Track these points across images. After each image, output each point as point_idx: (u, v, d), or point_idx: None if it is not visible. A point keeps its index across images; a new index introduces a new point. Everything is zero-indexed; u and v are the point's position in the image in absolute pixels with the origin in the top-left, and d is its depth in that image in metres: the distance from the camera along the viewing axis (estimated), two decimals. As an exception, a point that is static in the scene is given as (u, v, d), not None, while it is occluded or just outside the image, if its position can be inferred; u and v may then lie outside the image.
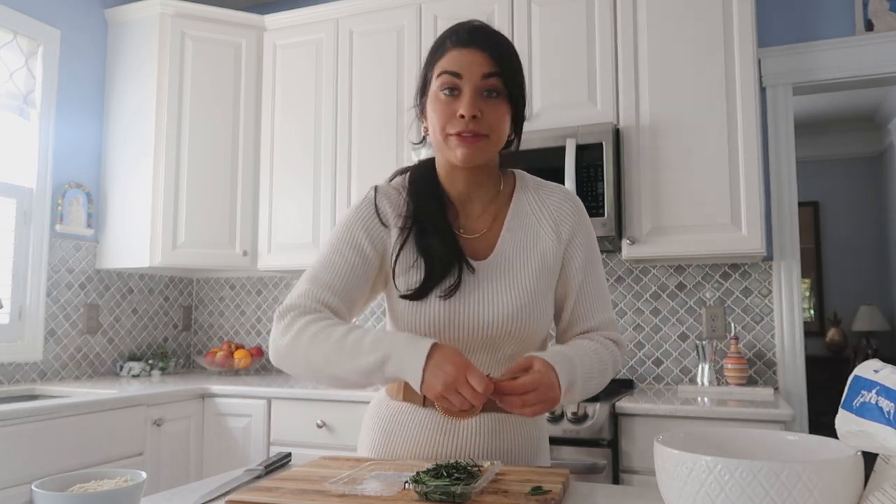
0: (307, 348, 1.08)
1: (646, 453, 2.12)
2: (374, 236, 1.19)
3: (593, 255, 1.25)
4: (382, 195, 1.23)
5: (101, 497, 0.83)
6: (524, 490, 0.95)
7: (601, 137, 2.44)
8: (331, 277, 1.15)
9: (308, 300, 1.13)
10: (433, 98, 1.15)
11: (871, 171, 5.97)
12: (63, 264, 2.96)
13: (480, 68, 1.11)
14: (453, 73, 1.12)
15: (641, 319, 2.79)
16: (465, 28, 1.15)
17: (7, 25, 2.77)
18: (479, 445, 1.17)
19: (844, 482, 0.72)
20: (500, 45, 1.14)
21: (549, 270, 1.20)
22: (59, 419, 2.16)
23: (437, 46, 1.17)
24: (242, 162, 3.13)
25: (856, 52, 2.63)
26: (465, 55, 1.12)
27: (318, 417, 2.54)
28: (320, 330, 1.08)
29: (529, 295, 1.17)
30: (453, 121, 1.12)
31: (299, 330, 1.09)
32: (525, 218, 1.23)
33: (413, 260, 1.18)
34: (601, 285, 1.25)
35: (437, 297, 1.14)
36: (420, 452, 1.19)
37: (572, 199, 1.26)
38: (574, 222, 1.23)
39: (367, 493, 0.94)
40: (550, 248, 1.21)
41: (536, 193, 1.25)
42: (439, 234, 1.17)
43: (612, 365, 1.20)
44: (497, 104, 1.13)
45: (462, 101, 1.11)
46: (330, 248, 1.19)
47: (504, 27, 2.71)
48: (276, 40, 3.17)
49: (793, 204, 2.67)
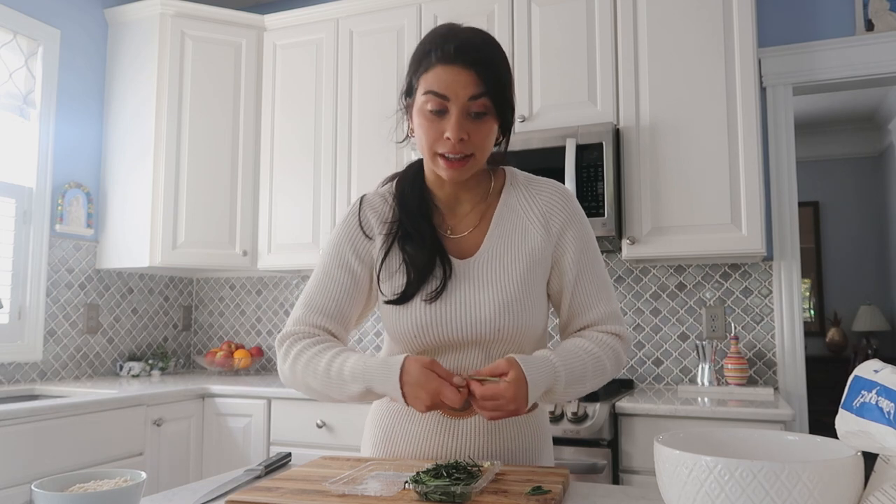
0: (303, 375, 1.15)
1: (646, 453, 2.12)
2: (360, 251, 1.23)
3: (588, 246, 1.22)
4: (367, 206, 1.25)
5: (101, 497, 0.83)
6: (524, 490, 0.95)
7: (601, 137, 2.44)
8: (323, 300, 1.20)
9: (302, 326, 1.19)
10: (420, 112, 1.13)
11: (871, 171, 5.97)
12: (63, 264, 2.96)
13: (467, 90, 1.09)
14: (440, 94, 1.10)
15: (641, 319, 2.79)
16: (452, 44, 1.10)
17: (7, 25, 2.77)
18: (479, 445, 1.17)
19: (844, 482, 0.72)
20: (486, 61, 1.10)
21: (539, 267, 1.19)
22: (59, 419, 2.16)
23: (423, 56, 1.14)
24: (242, 162, 3.13)
25: (856, 52, 2.63)
26: (452, 74, 1.09)
27: (318, 417, 2.54)
28: (310, 359, 1.14)
29: (516, 292, 1.16)
30: (440, 141, 1.12)
31: (294, 358, 1.16)
32: (513, 215, 1.22)
33: (397, 266, 1.19)
34: (600, 277, 1.22)
35: (422, 300, 1.16)
36: (420, 452, 1.19)
37: (562, 192, 1.24)
38: (565, 216, 1.21)
39: (368, 494, 0.94)
40: (539, 243, 1.20)
41: (526, 189, 1.24)
42: (423, 239, 1.18)
43: (611, 362, 1.17)
44: (483, 123, 1.12)
45: (449, 124, 1.10)
46: (321, 270, 1.24)
47: (504, 27, 2.71)
48: (276, 40, 3.17)
49: (793, 204, 2.67)
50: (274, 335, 3.43)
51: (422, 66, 1.13)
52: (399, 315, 1.17)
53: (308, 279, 3.38)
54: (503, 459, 1.18)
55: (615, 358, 1.18)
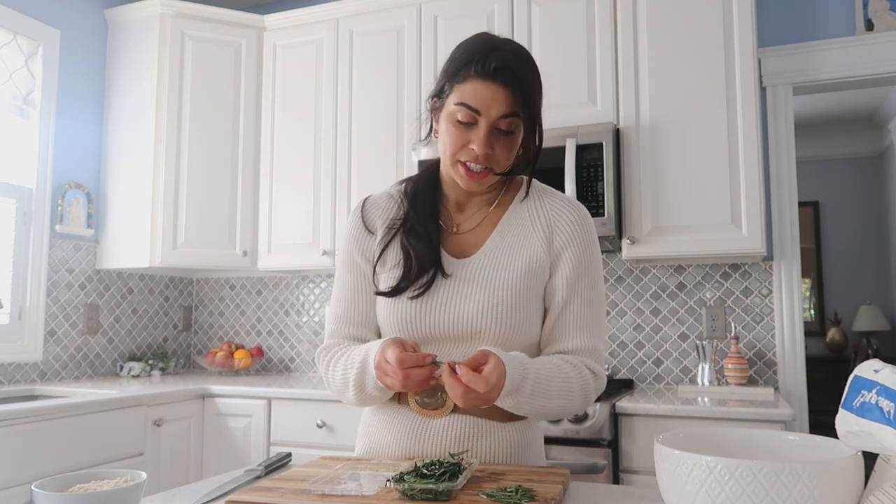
0: (332, 381, 1.23)
1: (646, 453, 2.12)
2: (365, 251, 1.26)
3: (588, 272, 1.19)
4: (370, 204, 1.29)
5: (101, 497, 0.83)
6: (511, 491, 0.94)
7: (601, 137, 2.44)
8: (345, 310, 1.26)
9: (332, 338, 1.27)
10: (448, 119, 1.14)
11: (871, 171, 5.97)
12: (63, 264, 2.96)
13: (500, 108, 1.10)
14: (473, 108, 1.11)
15: (641, 319, 2.79)
16: (493, 61, 1.10)
17: (7, 25, 2.77)
18: (452, 449, 1.16)
19: (844, 482, 0.72)
20: (523, 82, 1.11)
21: (535, 277, 1.18)
22: (59, 419, 2.16)
23: (461, 65, 1.13)
24: (242, 162, 3.13)
25: (856, 52, 2.63)
26: (488, 91, 1.10)
27: (318, 417, 2.54)
28: (335, 363, 1.22)
29: (506, 295, 1.15)
30: (465, 150, 1.13)
31: (325, 368, 1.24)
32: (519, 221, 1.23)
33: (396, 260, 1.22)
34: (594, 308, 1.18)
35: (408, 297, 1.18)
36: (396, 454, 1.20)
37: (575, 208, 1.23)
38: (571, 233, 1.19)
39: (349, 493, 0.94)
40: (538, 253, 1.19)
41: (540, 199, 1.24)
42: (428, 238, 1.20)
43: (579, 392, 1.12)
44: (509, 139, 1.14)
45: (476, 136, 1.11)
46: (338, 279, 1.29)
47: (504, 27, 2.71)
48: (276, 40, 3.17)
49: (793, 204, 2.67)
50: (274, 335, 3.43)
51: (459, 75, 1.13)
52: (388, 307, 1.20)
53: (308, 279, 3.39)
54: (486, 462, 1.17)
55: (584, 392, 1.13)
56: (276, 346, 3.42)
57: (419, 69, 2.85)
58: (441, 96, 1.17)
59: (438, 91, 1.18)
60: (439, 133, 1.19)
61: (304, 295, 3.39)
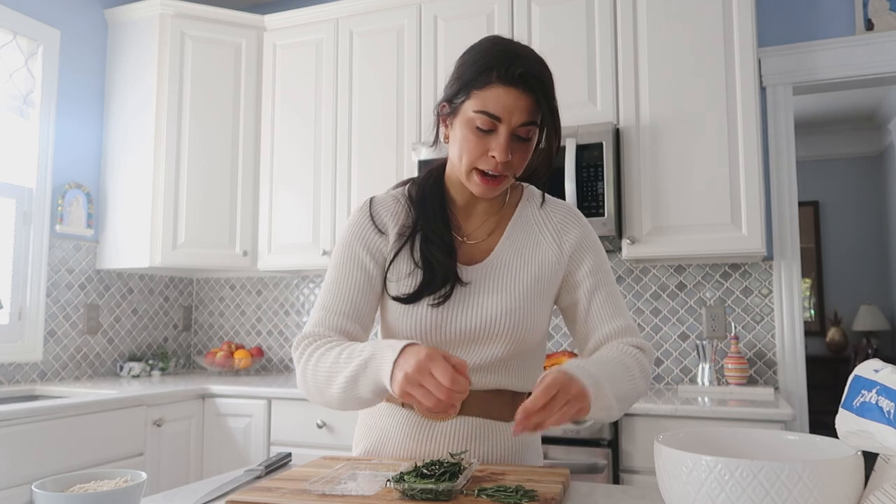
0: (314, 372, 1.11)
1: (646, 453, 2.12)
2: (372, 248, 1.22)
3: (602, 266, 1.23)
4: (378, 204, 1.25)
5: (102, 497, 0.83)
6: (513, 491, 0.95)
7: (601, 137, 2.44)
8: (339, 302, 1.19)
9: (320, 328, 1.17)
10: (466, 125, 1.12)
11: (871, 171, 5.97)
12: (63, 264, 2.96)
13: (522, 115, 1.09)
14: (494, 116, 1.09)
15: (641, 319, 2.79)
16: (517, 67, 1.08)
17: (7, 25, 2.77)
18: (460, 449, 1.17)
19: (844, 482, 0.72)
20: (545, 90, 1.11)
21: (547, 278, 1.21)
22: (59, 419, 2.16)
23: (481, 71, 1.10)
24: (242, 162, 3.13)
25: (856, 51, 2.63)
26: (511, 98, 1.08)
27: (318, 417, 2.54)
28: (322, 354, 1.11)
29: (520, 299, 1.17)
30: (484, 158, 1.12)
31: (307, 358, 1.13)
32: (527, 227, 1.24)
33: (411, 267, 1.19)
34: (616, 295, 1.23)
35: (428, 304, 1.16)
36: (401, 454, 1.20)
37: (576, 213, 1.27)
38: (578, 235, 1.24)
39: (349, 493, 0.94)
40: (550, 256, 1.21)
41: (541, 207, 1.27)
42: (447, 247, 1.19)
43: (639, 372, 1.14)
44: (526, 146, 1.14)
45: (496, 145, 1.10)
46: (334, 271, 1.22)
47: (504, 27, 2.71)
48: (276, 40, 3.17)
49: (793, 204, 2.67)
50: (274, 335, 3.43)
51: (479, 81, 1.10)
52: (405, 314, 1.18)
53: (308, 279, 3.39)
54: (486, 462, 1.18)
55: (642, 370, 1.16)
56: (276, 346, 3.42)
57: (419, 69, 2.86)
58: (454, 102, 1.14)
59: (451, 96, 1.15)
60: (452, 139, 1.16)
61: (304, 295, 3.39)
